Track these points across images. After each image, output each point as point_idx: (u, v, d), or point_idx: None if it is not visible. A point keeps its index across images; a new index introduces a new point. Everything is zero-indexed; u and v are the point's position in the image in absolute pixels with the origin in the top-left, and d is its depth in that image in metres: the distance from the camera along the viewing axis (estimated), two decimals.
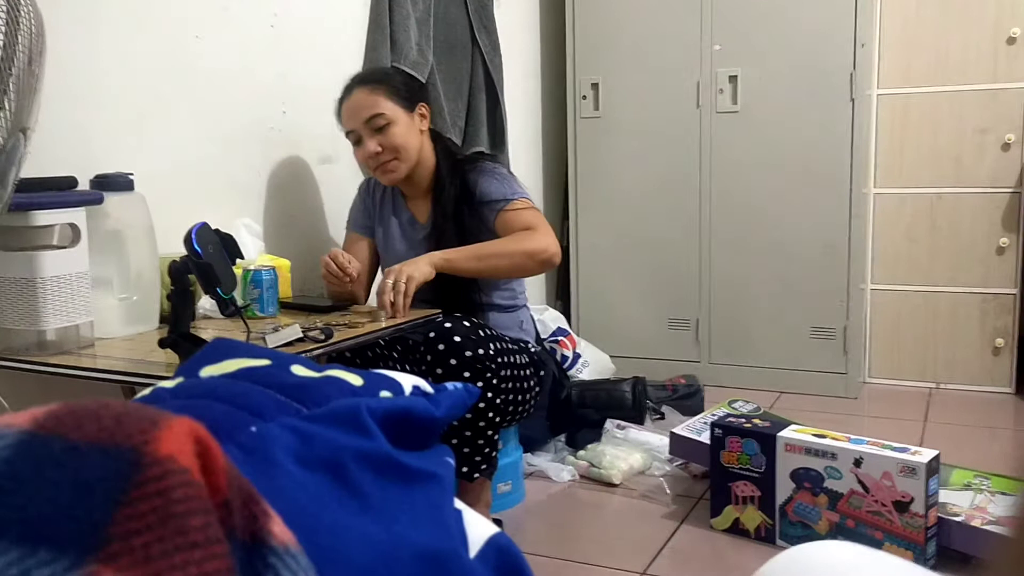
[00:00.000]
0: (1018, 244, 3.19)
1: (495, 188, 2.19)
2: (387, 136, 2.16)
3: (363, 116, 2.16)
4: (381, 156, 2.17)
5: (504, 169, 2.29)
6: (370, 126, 2.16)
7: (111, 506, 0.39)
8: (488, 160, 2.31)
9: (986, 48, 3.17)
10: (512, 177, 2.25)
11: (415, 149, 2.20)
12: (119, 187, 1.81)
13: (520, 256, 2.07)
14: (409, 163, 2.20)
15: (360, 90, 2.19)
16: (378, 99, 2.17)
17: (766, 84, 3.21)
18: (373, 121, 2.16)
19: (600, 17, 3.44)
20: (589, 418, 2.73)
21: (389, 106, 2.17)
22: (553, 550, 2.09)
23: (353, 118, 2.19)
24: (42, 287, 1.61)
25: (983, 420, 3.00)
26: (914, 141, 3.31)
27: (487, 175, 2.21)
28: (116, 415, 0.42)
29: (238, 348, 0.75)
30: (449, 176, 2.23)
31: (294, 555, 0.47)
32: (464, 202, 2.20)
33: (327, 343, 1.72)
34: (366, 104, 2.17)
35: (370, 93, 2.17)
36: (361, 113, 2.17)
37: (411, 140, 2.19)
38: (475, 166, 2.25)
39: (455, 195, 2.21)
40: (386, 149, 2.16)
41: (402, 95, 2.21)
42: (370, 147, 2.16)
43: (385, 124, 2.16)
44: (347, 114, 2.20)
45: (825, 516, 2.00)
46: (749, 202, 3.29)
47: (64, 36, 1.82)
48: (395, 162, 2.18)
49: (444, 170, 2.24)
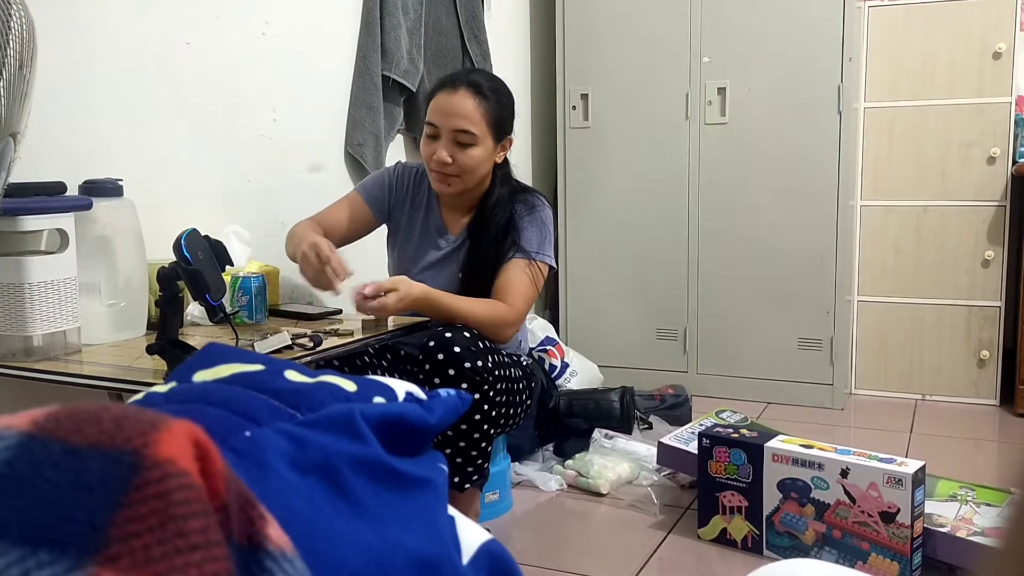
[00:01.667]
0: (1003, 257, 3.22)
1: (531, 238, 2.12)
2: (465, 153, 2.07)
3: (454, 124, 2.06)
4: (447, 167, 2.08)
5: (551, 220, 2.20)
6: (454, 135, 2.07)
7: (111, 508, 0.39)
8: (543, 203, 2.20)
9: (972, 63, 3.21)
10: (551, 232, 2.18)
11: (481, 176, 2.13)
12: (108, 193, 1.80)
13: (483, 327, 2.02)
14: (467, 186, 2.12)
15: (466, 93, 2.08)
16: (478, 115, 2.07)
17: (754, 96, 3.23)
18: (461, 134, 2.07)
19: (590, 28, 3.45)
20: (577, 427, 2.73)
21: (483, 127, 2.08)
22: (541, 559, 2.09)
23: (444, 117, 2.08)
24: (29, 292, 1.60)
25: (968, 432, 3.02)
26: (900, 154, 3.33)
27: (534, 223, 2.14)
28: (116, 418, 0.42)
29: (231, 353, 0.75)
30: (503, 203, 2.16)
31: (290, 560, 0.47)
32: (503, 234, 2.13)
33: (316, 350, 1.72)
34: (463, 113, 2.06)
35: (474, 104, 2.07)
36: (454, 120, 2.06)
37: (483, 168, 2.12)
38: (530, 206, 2.17)
39: (498, 224, 2.14)
40: (456, 163, 2.07)
41: (500, 121, 2.12)
42: (442, 154, 2.06)
43: (470, 143, 2.07)
44: (440, 108, 2.09)
45: (812, 527, 2.01)
46: (737, 213, 3.30)
47: (55, 41, 1.81)
48: (456, 179, 2.10)
49: (497, 195, 2.17)
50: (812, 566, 0.69)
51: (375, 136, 2.76)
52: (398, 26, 2.79)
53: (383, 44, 2.76)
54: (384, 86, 2.78)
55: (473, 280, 2.13)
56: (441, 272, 2.20)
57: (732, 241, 3.33)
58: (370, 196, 2.25)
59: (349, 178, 2.74)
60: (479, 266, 2.13)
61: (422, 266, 2.22)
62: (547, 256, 2.15)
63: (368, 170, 2.72)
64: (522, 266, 2.11)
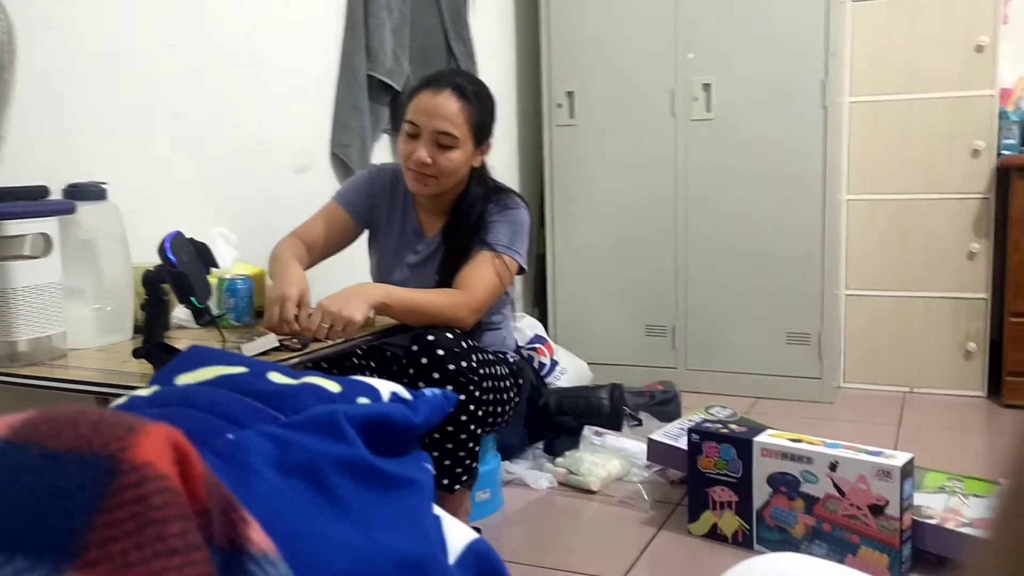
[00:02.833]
0: (989, 249, 3.24)
1: (500, 233, 2.11)
2: (444, 156, 2.06)
3: (436, 125, 2.04)
4: (425, 168, 2.06)
5: (526, 221, 2.18)
6: (435, 136, 2.05)
7: (89, 513, 0.38)
8: (518, 203, 2.19)
9: (956, 56, 3.22)
10: (524, 232, 2.16)
11: (457, 179, 2.12)
12: (92, 196, 1.79)
13: (441, 313, 1.99)
14: (443, 188, 2.11)
15: (451, 95, 2.06)
16: (460, 118, 2.06)
17: (739, 92, 3.24)
18: (442, 135, 2.05)
19: (575, 25, 3.45)
20: (567, 425, 2.73)
21: (465, 131, 2.07)
22: (532, 558, 2.09)
23: (426, 117, 2.05)
24: (14, 297, 1.59)
25: (956, 423, 3.04)
26: (885, 148, 3.34)
27: (506, 220, 2.13)
28: (93, 422, 0.42)
29: (214, 355, 0.74)
30: (477, 203, 2.15)
31: (273, 562, 0.47)
32: (475, 232, 2.12)
33: (303, 352, 1.72)
34: (446, 115, 2.04)
35: (458, 107, 2.06)
36: (436, 122, 2.04)
37: (461, 171, 2.10)
38: (504, 205, 2.16)
39: (472, 224, 2.13)
40: (435, 164, 2.06)
41: (481, 126, 2.11)
42: (421, 154, 2.04)
43: (450, 145, 2.06)
44: (423, 108, 2.06)
45: (802, 520, 2.01)
46: (724, 209, 3.31)
47: (36, 44, 1.80)
48: (433, 179, 2.08)
49: (472, 196, 2.16)
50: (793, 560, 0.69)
51: (361, 136, 2.75)
52: (382, 25, 2.78)
53: (368, 44, 2.75)
54: (369, 86, 2.77)
55: (448, 281, 2.11)
56: (419, 274, 2.19)
57: (719, 237, 3.33)
58: (348, 204, 2.23)
59: (335, 179, 2.73)
60: (453, 267, 2.12)
61: (401, 269, 2.21)
62: (516, 253, 2.13)
63: (354, 170, 2.71)
64: (486, 258, 2.09)
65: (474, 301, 2.05)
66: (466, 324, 2.05)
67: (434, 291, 2.06)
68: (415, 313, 1.98)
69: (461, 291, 2.05)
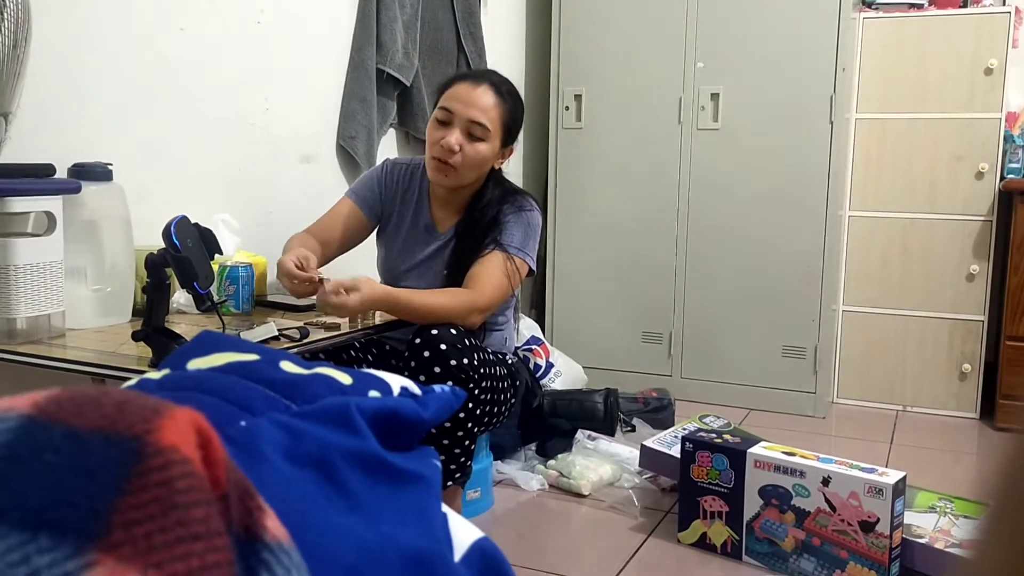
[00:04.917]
0: (988, 272, 3.24)
1: (513, 234, 2.12)
2: (473, 146, 2.07)
3: (471, 114, 2.07)
4: (453, 155, 2.06)
5: (538, 224, 2.19)
6: (468, 126, 2.07)
7: (113, 494, 0.38)
8: (533, 205, 2.20)
9: (964, 78, 3.23)
10: (536, 235, 2.17)
11: (478, 174, 2.13)
12: (97, 177, 1.79)
13: (448, 314, 1.99)
14: (464, 180, 2.11)
15: (488, 89, 2.10)
16: (495, 112, 2.09)
17: (747, 103, 3.24)
18: (475, 126, 2.07)
19: (586, 28, 3.45)
20: (560, 428, 2.73)
21: (496, 126, 2.09)
22: (520, 559, 2.08)
23: (463, 105, 2.07)
24: (15, 274, 1.58)
25: (948, 444, 3.04)
26: (890, 166, 3.35)
27: (520, 222, 2.14)
28: (118, 403, 0.41)
29: (226, 342, 0.74)
30: (493, 203, 2.16)
31: (287, 551, 0.46)
32: (489, 230, 2.13)
33: (302, 342, 1.71)
34: (482, 106, 2.07)
35: (494, 101, 2.09)
36: (472, 111, 2.07)
37: (484, 166, 2.12)
38: (519, 206, 2.16)
39: (486, 223, 2.14)
40: (462, 153, 2.07)
41: (511, 126, 2.14)
42: (451, 140, 2.05)
43: (480, 137, 2.08)
44: (460, 96, 2.09)
45: (791, 533, 2.01)
46: (726, 219, 3.31)
47: (50, 23, 1.80)
48: (453, 171, 2.08)
49: (489, 195, 2.17)
50: None
51: (367, 129, 2.75)
52: (394, 20, 2.78)
53: (378, 37, 2.75)
54: (378, 80, 2.76)
55: (457, 277, 2.11)
56: (428, 269, 2.19)
57: (720, 246, 3.33)
58: (361, 199, 2.23)
59: (340, 170, 2.72)
60: (463, 263, 2.12)
61: (410, 263, 2.21)
62: (527, 255, 2.14)
63: (359, 163, 2.71)
64: (498, 258, 2.09)
65: (482, 301, 2.05)
66: (473, 324, 2.06)
67: (438, 292, 2.06)
68: (422, 317, 1.98)
69: (469, 291, 2.05)
